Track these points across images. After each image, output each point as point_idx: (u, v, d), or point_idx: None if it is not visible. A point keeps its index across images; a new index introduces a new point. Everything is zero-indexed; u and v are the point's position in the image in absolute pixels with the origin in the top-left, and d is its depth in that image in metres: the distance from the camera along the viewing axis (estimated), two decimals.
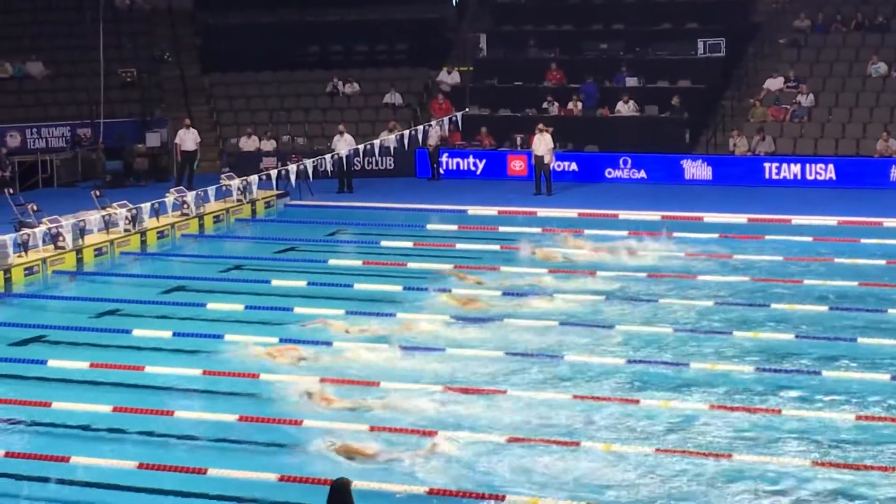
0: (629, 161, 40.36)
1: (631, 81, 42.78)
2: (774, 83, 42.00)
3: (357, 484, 14.17)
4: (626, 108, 41.71)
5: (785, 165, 39.06)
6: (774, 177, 39.05)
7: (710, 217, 33.50)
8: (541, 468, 16.67)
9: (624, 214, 33.95)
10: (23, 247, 28.55)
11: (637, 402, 19.06)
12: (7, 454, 17.18)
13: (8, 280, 27.58)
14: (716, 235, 31.10)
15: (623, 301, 25.04)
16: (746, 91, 42.99)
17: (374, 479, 16.02)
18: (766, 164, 39.23)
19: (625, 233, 31.21)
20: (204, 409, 18.99)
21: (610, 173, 40.51)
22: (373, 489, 15.55)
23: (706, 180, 39.56)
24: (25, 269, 28.21)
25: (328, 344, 22.11)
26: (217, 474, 16.34)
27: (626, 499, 15.75)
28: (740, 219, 33.30)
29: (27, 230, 29.32)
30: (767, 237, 30.97)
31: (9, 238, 28.08)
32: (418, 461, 16.78)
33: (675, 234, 30.86)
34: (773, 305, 24.48)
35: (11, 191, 35.57)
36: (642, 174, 40.23)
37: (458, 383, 20.06)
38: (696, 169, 39.85)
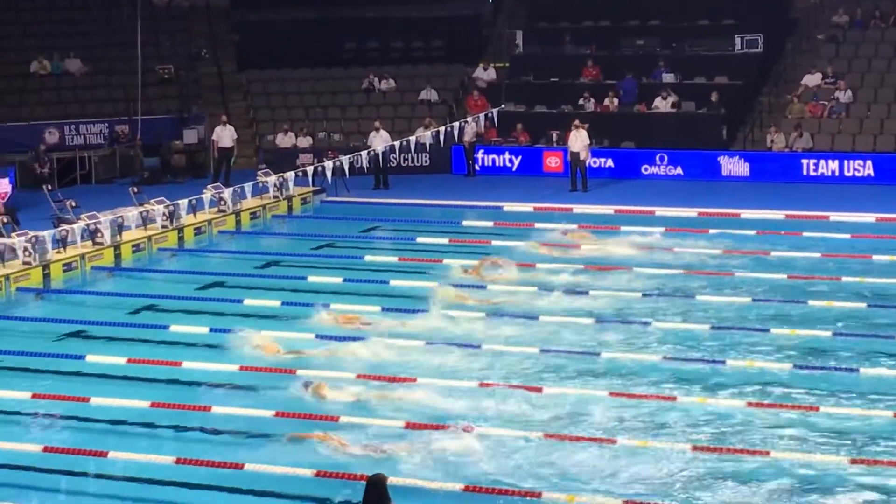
0: (666, 157, 40.25)
1: (668, 78, 42.65)
2: (812, 79, 41.81)
3: (392, 480, 14.18)
4: (664, 104, 41.58)
5: (823, 162, 38.86)
6: (812, 173, 38.87)
7: (748, 214, 33.36)
8: (576, 465, 16.66)
9: (660, 211, 33.85)
10: (61, 243, 28.70)
11: (674, 398, 19.02)
12: (45, 449, 17.28)
13: (47, 276, 27.74)
14: (753, 232, 31.00)
15: (660, 298, 24.98)
16: (784, 87, 42.81)
17: (408, 475, 16.05)
18: (804, 161, 39.04)
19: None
20: (240, 405, 19.03)
21: (646, 170, 40.42)
22: (408, 485, 15.56)
23: (743, 177, 39.42)
24: (64, 265, 28.36)
25: (361, 339, 22.13)
26: (254, 469, 16.41)
27: (662, 496, 15.71)
28: (778, 215, 33.16)
29: (66, 226, 29.46)
30: (805, 234, 30.81)
31: (48, 234, 28.24)
32: (451, 457, 16.79)
33: (713, 231, 30.81)
34: (811, 302, 24.39)
35: (50, 187, 35.70)
36: (679, 171, 40.12)
37: (494, 379, 20.07)
38: (733, 165, 39.70)
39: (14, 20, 46.08)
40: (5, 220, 31.64)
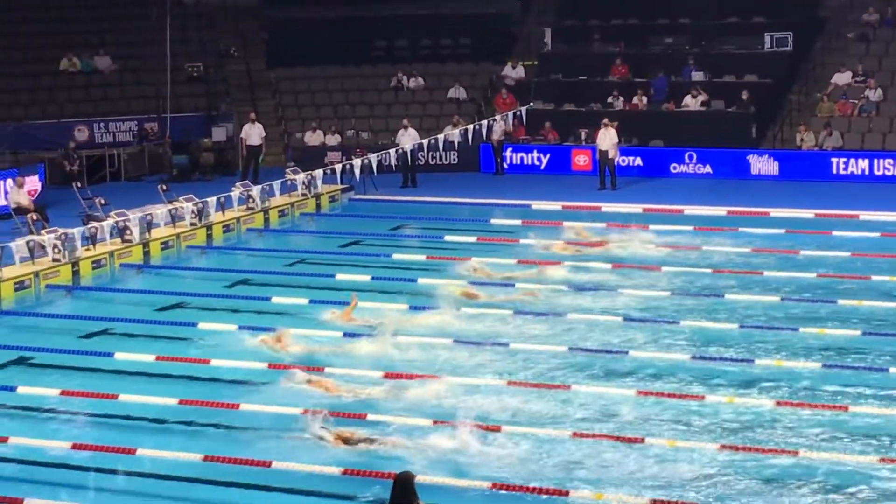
0: (694, 156, 40.17)
1: (697, 76, 42.56)
2: (842, 78, 41.65)
3: (419, 478, 14.19)
4: (693, 103, 41.46)
5: (852, 160, 38.72)
6: (842, 172, 38.74)
7: (777, 212, 33.25)
8: (604, 464, 16.64)
9: (689, 209, 33.78)
10: (91, 240, 28.80)
11: (702, 398, 18.98)
12: (74, 446, 17.34)
13: (76, 273, 27.84)
14: (782, 231, 30.90)
15: (688, 297, 24.93)
16: (814, 86, 42.66)
17: (437, 473, 16.05)
18: (834, 160, 38.90)
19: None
20: (269, 402, 19.05)
21: (675, 168, 40.34)
22: (435, 483, 15.56)
23: (773, 175, 39.30)
24: (93, 262, 28.47)
25: (392, 337, 22.15)
26: (281, 467, 16.43)
27: (690, 495, 15.67)
28: (807, 214, 33.05)
29: (95, 224, 29.57)
30: (834, 233, 30.71)
31: (77, 231, 28.34)
32: (476, 455, 16.80)
33: (742, 230, 30.76)
34: (840, 301, 24.30)
35: (79, 184, 35.88)
36: (708, 169, 40.03)
37: (522, 378, 20.06)
38: (762, 164, 39.59)
39: (44, 18, 46.24)
40: (35, 217, 31.82)
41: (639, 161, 40.53)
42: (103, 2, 47.12)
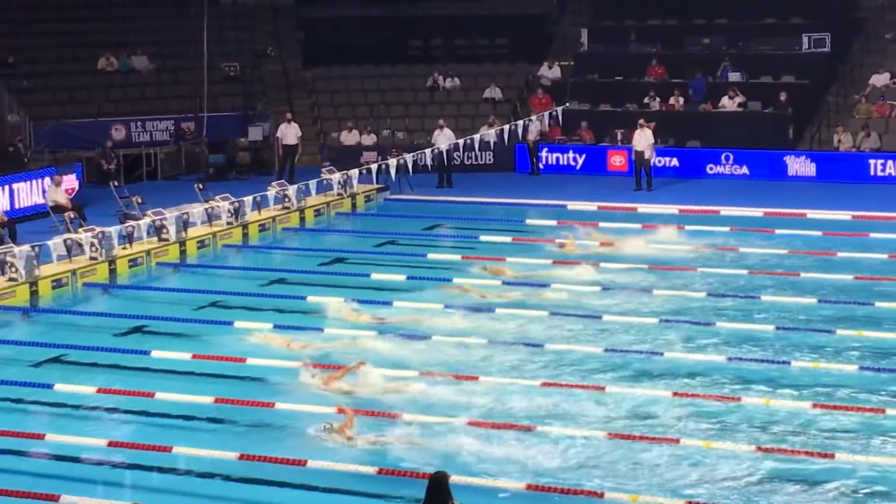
0: (731, 157, 40.04)
1: (734, 77, 42.41)
2: (880, 79, 41.43)
3: (454, 478, 14.18)
4: (731, 104, 41.32)
5: (890, 162, 38.50)
6: (879, 173, 38.53)
7: (814, 214, 33.09)
8: (639, 465, 16.62)
9: (725, 211, 33.67)
10: (127, 239, 28.93)
11: (738, 399, 18.92)
12: (110, 443, 17.41)
13: (113, 271, 27.96)
14: (819, 233, 30.77)
15: (724, 298, 24.85)
16: (851, 87, 42.44)
17: (470, 472, 16.05)
18: (871, 161, 38.71)
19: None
20: (304, 401, 19.09)
21: (711, 169, 40.21)
22: (470, 483, 15.55)
23: (810, 177, 39.13)
24: (130, 260, 28.59)
25: (426, 338, 22.17)
26: (316, 465, 16.47)
27: (726, 497, 15.64)
28: (844, 216, 32.88)
29: (132, 222, 29.71)
30: (872, 235, 30.56)
31: (114, 230, 28.47)
32: (511, 455, 16.80)
33: (779, 231, 30.67)
34: (877, 303, 24.18)
35: (116, 183, 36.04)
36: (744, 170, 39.90)
37: (557, 379, 20.04)
38: (799, 165, 39.43)
39: (81, 17, 46.42)
40: (72, 215, 31.97)
41: (675, 162, 40.43)
42: (141, 1, 47.28)
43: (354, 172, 35.83)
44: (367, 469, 16.30)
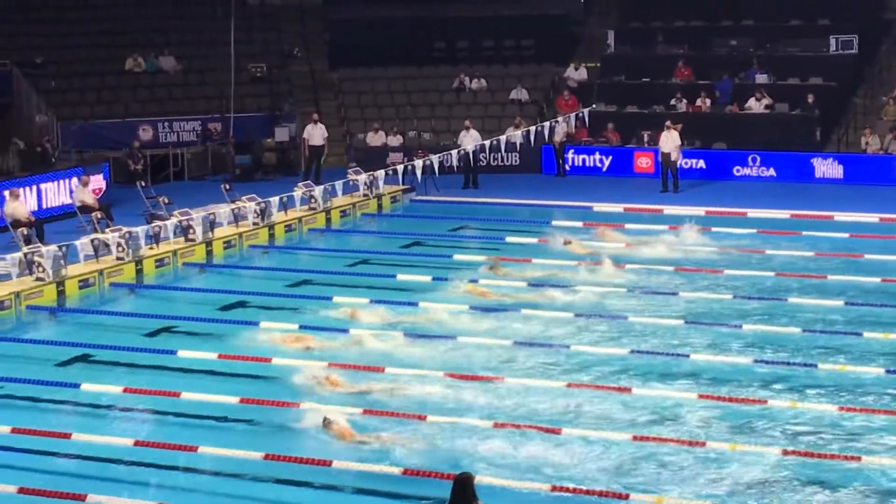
0: (758, 159, 39.94)
1: (761, 78, 42.29)
2: None
3: (480, 479, 14.20)
4: (757, 105, 41.19)
5: None
6: None
7: (841, 216, 32.97)
8: (665, 467, 16.59)
9: (752, 213, 33.59)
10: (154, 239, 29.02)
11: (765, 402, 18.87)
12: (137, 443, 17.46)
13: (139, 271, 28.06)
14: (846, 235, 30.66)
15: (750, 300, 24.80)
16: (879, 89, 42.27)
17: (495, 474, 16.05)
18: None
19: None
20: (328, 402, 19.11)
21: (738, 171, 40.12)
22: (493, 485, 15.54)
23: (837, 179, 38.99)
24: (156, 260, 28.68)
25: (451, 338, 22.19)
26: (342, 466, 16.48)
27: (752, 498, 15.60)
28: (871, 218, 32.75)
29: (158, 222, 29.80)
30: None
31: (141, 230, 28.56)
32: (538, 458, 16.79)
33: (805, 233, 30.59)
34: None
35: (143, 184, 36.13)
36: (771, 172, 39.79)
37: (585, 380, 20.03)
38: (826, 167, 39.29)
39: (109, 18, 46.58)
40: (99, 216, 32.07)
41: (702, 163, 40.35)
42: (168, 2, 47.44)
43: (380, 173, 35.85)
44: (392, 470, 16.30)
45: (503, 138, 38.86)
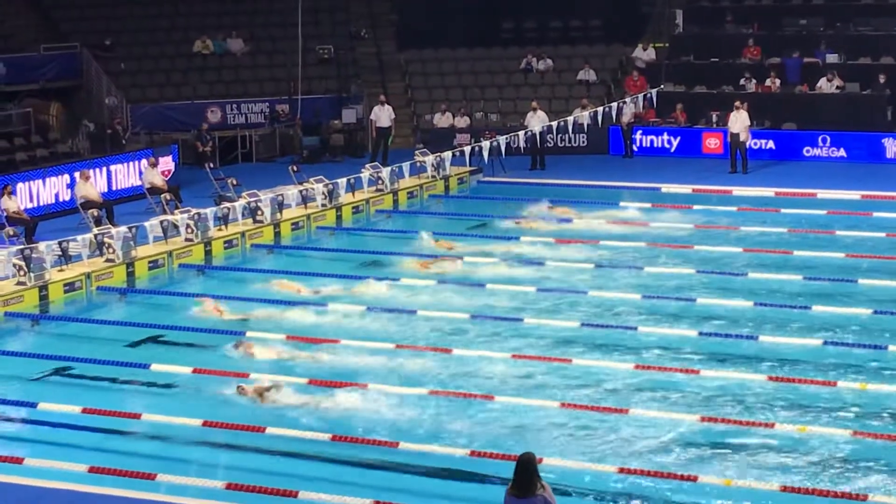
0: (828, 139, 39.55)
1: (831, 58, 41.84)
2: None
3: (547, 461, 14.17)
4: (828, 86, 40.76)
5: None
6: None
7: None
8: (733, 449, 16.53)
9: (822, 194, 33.31)
10: (223, 220, 29.18)
11: (834, 384, 18.73)
12: (205, 423, 17.51)
13: (208, 253, 28.23)
14: None
15: (820, 281, 24.61)
16: None
17: (563, 455, 16.04)
18: None
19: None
20: (397, 383, 19.18)
21: (808, 151, 39.75)
22: (561, 466, 15.53)
23: None
24: (225, 242, 28.83)
25: (519, 320, 22.20)
26: (407, 448, 16.53)
27: (821, 481, 15.49)
28: None
29: (227, 204, 29.95)
30: None
31: (209, 212, 28.73)
32: (606, 441, 16.77)
33: (876, 214, 30.32)
34: None
35: (212, 165, 36.34)
36: (842, 153, 39.39)
37: (650, 362, 19.97)
38: None
39: (177, 0, 46.86)
40: (169, 197, 32.28)
41: (771, 144, 40.02)
42: None
43: (447, 155, 35.86)
44: (460, 452, 16.34)
45: (570, 119, 38.73)
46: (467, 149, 36.35)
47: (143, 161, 35.06)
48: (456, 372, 19.72)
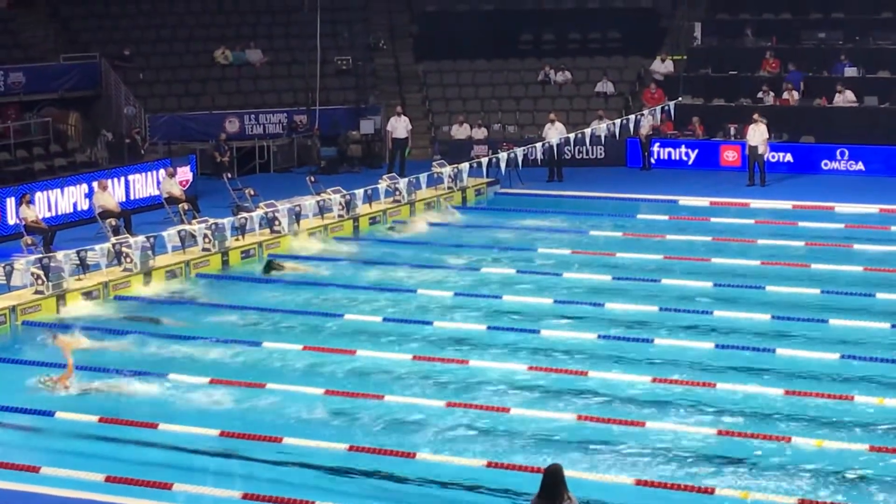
0: (846, 152, 39.49)
1: (850, 71, 41.80)
2: None
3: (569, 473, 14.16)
4: (840, 99, 40.70)
5: None
6: None
7: None
8: (751, 462, 16.50)
9: (840, 207, 33.26)
10: (240, 230, 29.24)
11: (851, 398, 18.69)
12: (222, 433, 17.55)
13: (226, 262, 28.29)
14: None
15: (837, 295, 24.56)
16: None
17: (579, 469, 16.04)
18: None
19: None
20: (415, 394, 19.19)
21: (826, 165, 39.69)
22: (579, 478, 15.53)
23: None
24: (242, 251, 28.88)
25: (535, 332, 22.20)
26: (426, 458, 16.54)
27: (843, 496, 15.46)
28: None
29: (244, 214, 30.02)
30: None
31: (227, 221, 28.78)
32: (620, 452, 16.76)
33: (894, 228, 30.26)
34: None
35: (230, 175, 36.41)
36: (860, 166, 39.32)
37: (666, 375, 19.96)
38: None
39: (198, 10, 47.01)
40: (186, 207, 32.36)
41: (789, 157, 39.96)
42: None
43: (465, 166, 35.89)
44: (476, 462, 16.33)
45: (588, 131, 38.73)
46: (485, 160, 36.35)
47: (161, 171, 35.13)
48: (472, 382, 19.73)
